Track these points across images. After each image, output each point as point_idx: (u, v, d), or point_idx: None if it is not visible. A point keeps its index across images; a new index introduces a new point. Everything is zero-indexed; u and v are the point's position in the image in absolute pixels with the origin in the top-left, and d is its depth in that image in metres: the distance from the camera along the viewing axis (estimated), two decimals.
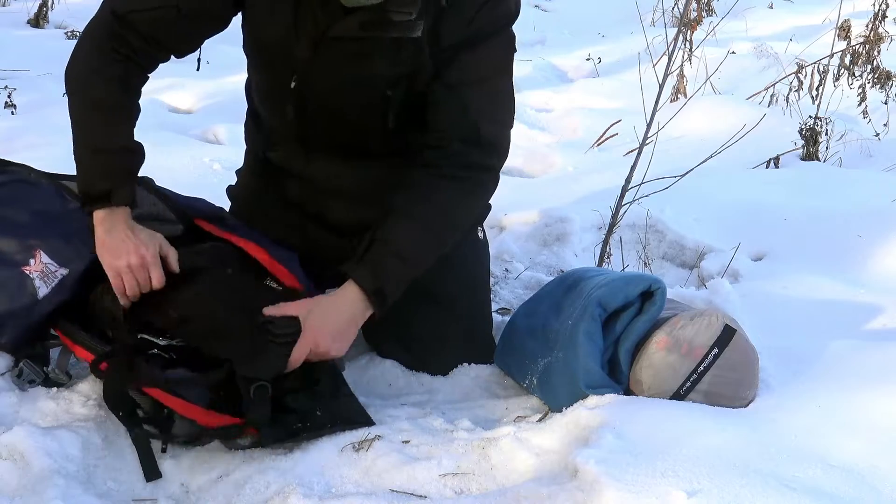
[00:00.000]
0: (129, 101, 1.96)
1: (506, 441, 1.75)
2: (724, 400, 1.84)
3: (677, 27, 3.56)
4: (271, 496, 1.66)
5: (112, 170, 1.92)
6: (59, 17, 5.64)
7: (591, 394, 1.85)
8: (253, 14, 1.98)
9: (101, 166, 1.92)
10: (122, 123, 1.95)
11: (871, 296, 2.42)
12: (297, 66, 1.97)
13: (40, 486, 1.61)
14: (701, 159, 2.75)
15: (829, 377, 1.93)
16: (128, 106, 1.96)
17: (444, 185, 1.95)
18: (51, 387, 1.89)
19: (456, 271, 2.16)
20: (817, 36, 4.86)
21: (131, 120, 1.96)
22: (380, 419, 1.91)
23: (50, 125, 3.53)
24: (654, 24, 5.82)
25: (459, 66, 1.94)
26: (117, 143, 1.93)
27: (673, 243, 2.89)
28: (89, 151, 1.93)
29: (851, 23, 4.12)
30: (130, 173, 1.94)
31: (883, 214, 2.93)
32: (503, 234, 2.94)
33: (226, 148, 3.61)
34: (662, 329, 1.89)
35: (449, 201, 1.97)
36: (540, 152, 3.91)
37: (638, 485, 1.51)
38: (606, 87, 5.00)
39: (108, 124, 1.93)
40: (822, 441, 1.65)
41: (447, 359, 2.14)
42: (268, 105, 2.13)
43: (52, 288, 1.90)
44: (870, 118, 4.03)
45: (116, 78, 1.93)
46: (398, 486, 1.68)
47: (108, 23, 1.94)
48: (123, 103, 1.95)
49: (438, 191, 1.95)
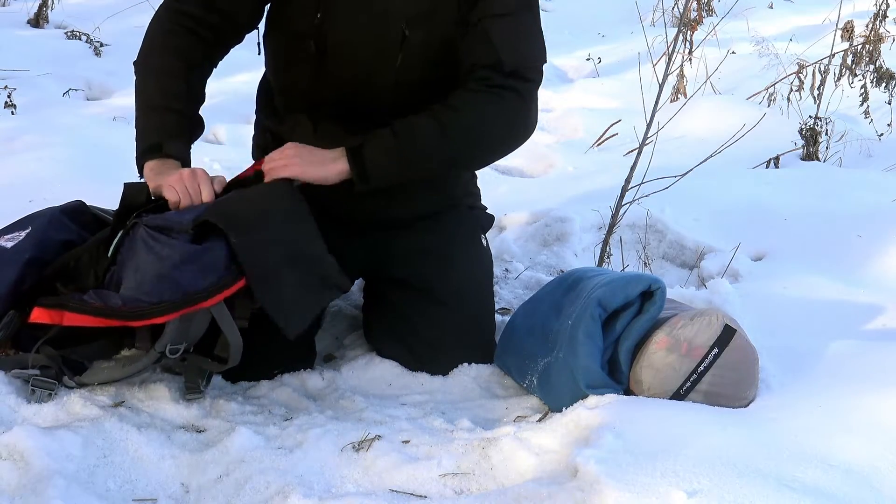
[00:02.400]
0: (186, 69, 2.01)
1: (506, 441, 1.75)
2: (724, 400, 1.84)
3: (677, 27, 3.56)
4: (271, 496, 1.66)
5: (164, 125, 1.97)
6: (59, 17, 5.64)
7: (591, 394, 1.85)
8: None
9: (154, 122, 1.98)
10: (176, 87, 1.99)
11: (871, 296, 2.42)
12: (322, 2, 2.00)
13: (40, 486, 1.61)
14: (701, 159, 2.75)
15: (829, 377, 1.93)
16: (183, 74, 2.01)
17: (466, 95, 1.99)
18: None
19: (457, 271, 2.16)
20: (818, 36, 4.86)
21: (189, 88, 2.01)
22: (380, 419, 1.91)
23: (50, 125, 3.54)
24: (654, 24, 5.82)
25: (483, 3, 1.99)
26: (167, 103, 1.98)
27: (673, 243, 2.89)
28: (142, 109, 2.00)
29: (854, 23, 4.12)
30: (183, 132, 1.99)
31: (883, 214, 2.93)
32: (503, 234, 2.94)
33: (226, 148, 3.61)
34: (662, 329, 1.89)
35: (467, 106, 1.99)
36: (540, 152, 3.91)
37: (638, 485, 1.51)
38: (606, 87, 5.01)
39: (161, 87, 2.00)
40: (822, 441, 1.65)
41: (447, 359, 2.14)
42: (288, 53, 2.11)
43: (19, 241, 1.92)
44: (871, 118, 4.03)
45: (175, 48, 2.01)
46: (398, 486, 1.68)
47: (168, 3, 2.04)
48: (180, 70, 2.00)
49: (458, 98, 1.99)
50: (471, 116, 1.99)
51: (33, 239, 1.93)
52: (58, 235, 1.95)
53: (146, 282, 1.78)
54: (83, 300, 1.80)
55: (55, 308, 1.82)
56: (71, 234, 1.96)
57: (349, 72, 2.05)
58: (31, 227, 1.95)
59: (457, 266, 2.16)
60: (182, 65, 2.01)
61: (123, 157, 3.28)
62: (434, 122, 1.96)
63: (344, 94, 2.07)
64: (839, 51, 4.08)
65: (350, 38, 2.03)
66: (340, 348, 2.29)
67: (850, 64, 4.07)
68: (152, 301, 1.77)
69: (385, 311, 2.20)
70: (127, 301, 1.78)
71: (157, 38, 2.04)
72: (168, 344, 1.82)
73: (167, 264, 1.78)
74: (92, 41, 5.16)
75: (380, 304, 2.23)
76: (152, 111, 1.98)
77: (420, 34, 2.00)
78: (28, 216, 2.01)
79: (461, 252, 2.18)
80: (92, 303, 1.79)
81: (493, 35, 1.98)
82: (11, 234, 1.96)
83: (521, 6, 2.04)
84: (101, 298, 1.80)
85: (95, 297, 1.80)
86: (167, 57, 2.01)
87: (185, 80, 2.01)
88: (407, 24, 2.00)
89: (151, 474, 1.73)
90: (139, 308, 1.77)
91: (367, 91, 2.06)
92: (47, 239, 1.94)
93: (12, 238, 1.94)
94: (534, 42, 2.05)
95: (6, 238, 1.95)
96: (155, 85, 2.01)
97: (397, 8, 2.00)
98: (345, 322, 2.38)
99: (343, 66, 2.05)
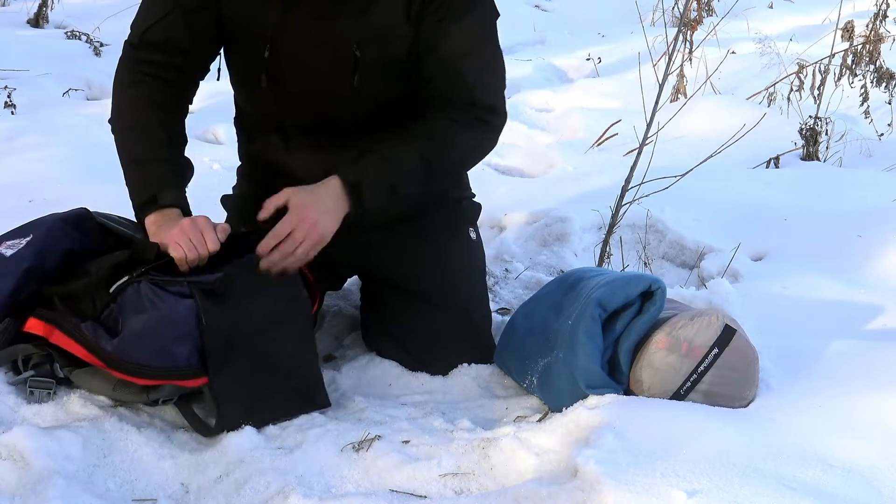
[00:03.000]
0: (161, 118, 2.01)
1: (506, 441, 1.75)
2: (724, 400, 1.84)
3: (677, 27, 3.56)
4: (271, 496, 1.65)
5: (154, 177, 1.96)
6: (59, 17, 5.65)
7: (591, 394, 1.85)
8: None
9: (143, 176, 1.96)
10: (156, 138, 1.99)
11: (871, 296, 2.42)
12: (269, 32, 2.00)
13: (40, 486, 1.61)
14: (701, 159, 2.75)
15: (829, 377, 1.93)
16: (159, 123, 2.00)
17: (446, 126, 2.01)
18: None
19: (446, 269, 2.16)
20: (818, 36, 4.86)
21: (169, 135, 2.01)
22: (380, 419, 1.91)
23: (50, 125, 3.54)
24: (654, 24, 5.82)
25: (448, 39, 1.99)
26: (151, 155, 1.97)
27: (673, 243, 2.89)
28: (128, 166, 1.99)
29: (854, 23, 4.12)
30: (174, 179, 1.98)
31: (883, 214, 2.93)
32: (503, 234, 2.94)
33: (225, 148, 3.62)
34: (662, 329, 1.89)
35: (448, 138, 2.02)
36: (540, 152, 3.91)
37: (638, 485, 1.51)
38: (606, 87, 5.01)
39: (142, 141, 1.99)
40: (822, 441, 1.65)
41: (446, 359, 2.14)
42: (245, 84, 2.14)
43: (19, 249, 1.91)
44: (871, 118, 4.03)
45: (143, 97, 2.01)
46: (398, 486, 1.68)
47: (129, 55, 2.04)
48: (155, 121, 2.00)
49: (438, 128, 2.01)
50: (454, 154, 2.06)
51: (33, 248, 1.92)
52: (58, 244, 1.94)
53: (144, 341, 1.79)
54: (78, 327, 1.82)
55: (49, 323, 1.84)
56: (72, 242, 1.95)
57: (308, 98, 2.07)
58: (32, 235, 1.94)
59: (445, 264, 2.16)
60: (156, 114, 2.00)
61: None
62: (421, 160, 1.98)
63: (307, 114, 2.09)
64: (839, 51, 4.08)
65: (302, 67, 2.03)
66: (340, 348, 2.29)
67: (850, 64, 4.07)
68: (140, 363, 1.79)
69: (380, 313, 2.21)
70: (116, 352, 1.79)
71: (124, 92, 2.03)
72: (162, 397, 1.86)
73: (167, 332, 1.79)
74: (92, 41, 5.17)
75: (374, 305, 2.23)
76: (138, 167, 1.97)
77: (373, 53, 2.01)
78: (30, 223, 2.00)
79: (448, 249, 2.18)
80: (85, 334, 1.81)
81: (466, 75, 2.01)
82: (12, 241, 1.95)
83: (486, 38, 2.06)
84: (95, 334, 1.81)
85: (90, 330, 1.81)
86: (139, 110, 2.00)
87: (162, 129, 2.00)
88: (358, 46, 2.00)
89: (151, 474, 1.73)
90: (126, 364, 1.79)
91: (330, 110, 2.07)
92: (47, 248, 1.92)
93: (12, 246, 1.93)
94: (500, 73, 2.09)
95: (6, 245, 1.94)
96: (135, 142, 1.99)
97: (346, 33, 2.00)
98: (345, 322, 2.38)
99: (300, 94, 2.06)
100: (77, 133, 3.44)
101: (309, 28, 2.00)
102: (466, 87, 2.01)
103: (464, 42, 2.01)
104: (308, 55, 2.02)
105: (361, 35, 1.99)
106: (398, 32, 2.00)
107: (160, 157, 1.98)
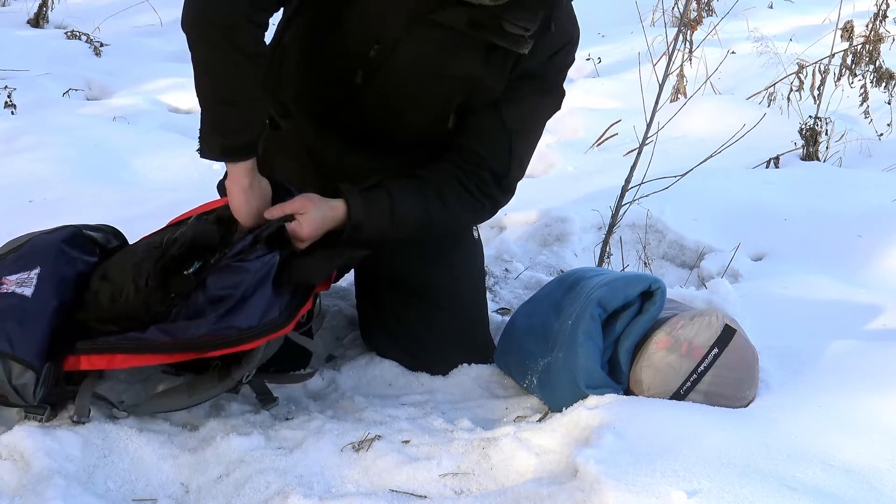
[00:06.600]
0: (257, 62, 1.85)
1: (506, 441, 1.75)
2: (724, 400, 1.84)
3: (677, 27, 3.56)
4: (271, 496, 1.66)
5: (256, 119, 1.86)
6: (59, 17, 5.64)
7: (591, 394, 1.85)
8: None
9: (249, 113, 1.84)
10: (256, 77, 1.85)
11: (871, 296, 2.42)
12: (384, 38, 1.90)
13: (40, 486, 1.61)
14: (701, 159, 2.75)
15: (829, 377, 1.93)
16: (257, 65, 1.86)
17: (459, 193, 2.01)
18: None
19: (450, 268, 2.16)
20: (818, 36, 4.86)
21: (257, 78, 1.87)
22: (380, 419, 1.91)
23: (50, 125, 3.54)
24: (654, 24, 5.82)
25: (519, 107, 1.99)
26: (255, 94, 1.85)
27: (673, 243, 2.89)
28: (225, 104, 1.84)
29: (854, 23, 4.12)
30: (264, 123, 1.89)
31: (883, 214, 2.93)
32: (503, 234, 2.94)
33: None
34: (662, 329, 1.89)
35: (454, 206, 2.02)
36: (540, 152, 3.88)
37: (638, 485, 1.51)
38: (606, 87, 5.00)
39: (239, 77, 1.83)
40: (822, 441, 1.65)
41: (446, 358, 2.14)
42: (328, 67, 2.01)
43: (35, 286, 1.82)
44: (871, 118, 4.03)
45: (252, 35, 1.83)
46: (398, 486, 1.68)
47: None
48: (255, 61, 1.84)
49: (452, 192, 2.01)
50: (454, 222, 2.09)
51: (51, 283, 1.83)
52: (70, 271, 1.88)
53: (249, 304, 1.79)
54: (144, 339, 1.77)
55: (104, 352, 1.78)
56: (80, 264, 1.90)
57: (384, 110, 2.00)
58: (40, 267, 1.85)
59: (449, 263, 2.16)
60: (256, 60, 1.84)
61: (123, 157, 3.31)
62: (424, 215, 1.99)
63: (365, 123, 2.03)
64: (839, 51, 4.07)
65: (403, 87, 1.95)
66: (340, 348, 2.29)
67: (850, 64, 4.07)
68: (240, 327, 1.77)
69: (381, 314, 2.20)
70: (211, 331, 1.76)
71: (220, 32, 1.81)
72: (245, 375, 1.84)
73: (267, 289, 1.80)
74: (92, 41, 5.17)
75: (375, 305, 2.23)
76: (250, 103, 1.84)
77: (471, 98, 1.98)
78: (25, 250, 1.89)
79: (450, 248, 2.18)
80: (156, 340, 1.77)
81: (515, 147, 2.01)
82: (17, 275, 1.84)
83: (544, 121, 2.08)
84: (167, 334, 1.77)
85: (161, 334, 1.77)
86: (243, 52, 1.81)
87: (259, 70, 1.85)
88: (461, 90, 1.96)
89: (151, 474, 1.73)
90: (225, 337, 1.77)
91: (393, 129, 2.03)
92: (65, 279, 1.86)
93: (25, 282, 1.82)
94: (531, 155, 2.11)
95: (16, 282, 1.82)
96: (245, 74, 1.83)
97: (459, 74, 1.93)
98: (345, 322, 2.38)
99: (381, 105, 1.99)
100: (77, 133, 3.43)
101: (426, 54, 1.91)
102: (506, 158, 2.01)
103: (529, 118, 2.02)
104: (413, 80, 1.94)
105: (471, 80, 1.94)
106: (497, 88, 1.97)
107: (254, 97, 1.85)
